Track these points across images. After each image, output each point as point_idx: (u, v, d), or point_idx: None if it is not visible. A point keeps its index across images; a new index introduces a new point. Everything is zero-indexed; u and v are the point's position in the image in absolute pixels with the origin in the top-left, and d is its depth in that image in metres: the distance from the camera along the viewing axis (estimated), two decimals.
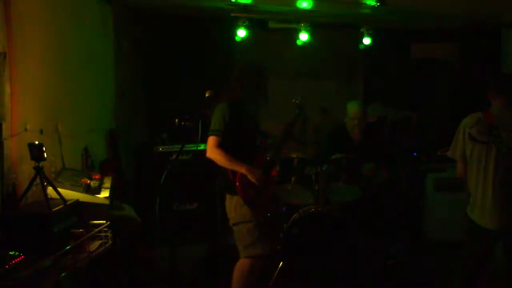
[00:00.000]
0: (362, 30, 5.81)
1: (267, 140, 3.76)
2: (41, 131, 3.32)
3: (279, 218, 4.51)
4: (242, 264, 3.48)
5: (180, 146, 4.18)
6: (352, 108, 4.74)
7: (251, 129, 3.57)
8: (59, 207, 2.86)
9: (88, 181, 3.46)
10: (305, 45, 5.87)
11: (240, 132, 3.42)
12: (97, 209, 3.53)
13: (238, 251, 3.51)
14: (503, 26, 5.80)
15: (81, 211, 3.14)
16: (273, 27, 6.09)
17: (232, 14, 5.53)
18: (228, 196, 3.51)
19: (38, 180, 2.86)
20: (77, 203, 3.08)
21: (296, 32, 5.81)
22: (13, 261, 2.47)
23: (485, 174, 3.30)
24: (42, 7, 3.47)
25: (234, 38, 5.72)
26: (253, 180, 3.33)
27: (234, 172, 3.38)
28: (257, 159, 3.50)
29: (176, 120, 5.23)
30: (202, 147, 4.31)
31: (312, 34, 5.74)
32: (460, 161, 3.44)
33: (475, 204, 3.36)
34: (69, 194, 3.10)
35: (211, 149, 3.35)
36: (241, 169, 3.33)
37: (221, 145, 3.33)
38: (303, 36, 5.74)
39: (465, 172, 3.44)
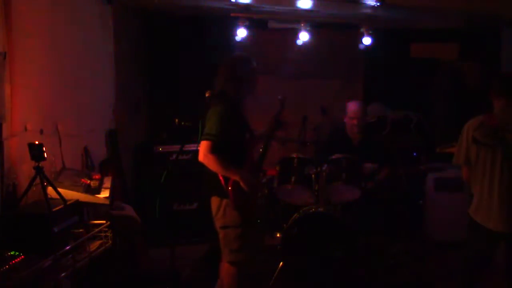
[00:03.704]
0: (362, 30, 5.81)
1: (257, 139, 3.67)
2: (41, 131, 3.32)
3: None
4: (227, 271, 3.46)
5: (180, 146, 4.17)
6: (352, 107, 4.73)
7: (244, 130, 3.49)
8: (59, 207, 2.86)
9: (88, 181, 3.46)
10: (305, 45, 5.86)
11: (233, 135, 3.34)
12: (97, 209, 3.54)
13: (223, 254, 3.46)
14: (503, 26, 5.80)
15: (81, 211, 3.14)
16: (273, 27, 6.09)
17: (232, 14, 5.53)
18: (215, 199, 3.41)
19: (38, 180, 2.86)
20: (77, 203, 3.08)
21: (296, 32, 5.81)
22: (13, 261, 2.47)
23: (490, 176, 3.28)
24: (42, 7, 3.47)
25: (234, 38, 5.72)
26: (245, 188, 3.27)
27: (226, 177, 3.31)
28: (247, 160, 3.44)
29: (176, 120, 5.22)
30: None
31: (312, 34, 5.73)
32: (464, 166, 3.43)
33: (480, 206, 3.33)
34: (69, 194, 3.10)
35: (205, 155, 3.24)
36: (235, 176, 3.27)
37: (215, 150, 3.24)
38: (303, 36, 5.73)
39: (469, 176, 3.43)
